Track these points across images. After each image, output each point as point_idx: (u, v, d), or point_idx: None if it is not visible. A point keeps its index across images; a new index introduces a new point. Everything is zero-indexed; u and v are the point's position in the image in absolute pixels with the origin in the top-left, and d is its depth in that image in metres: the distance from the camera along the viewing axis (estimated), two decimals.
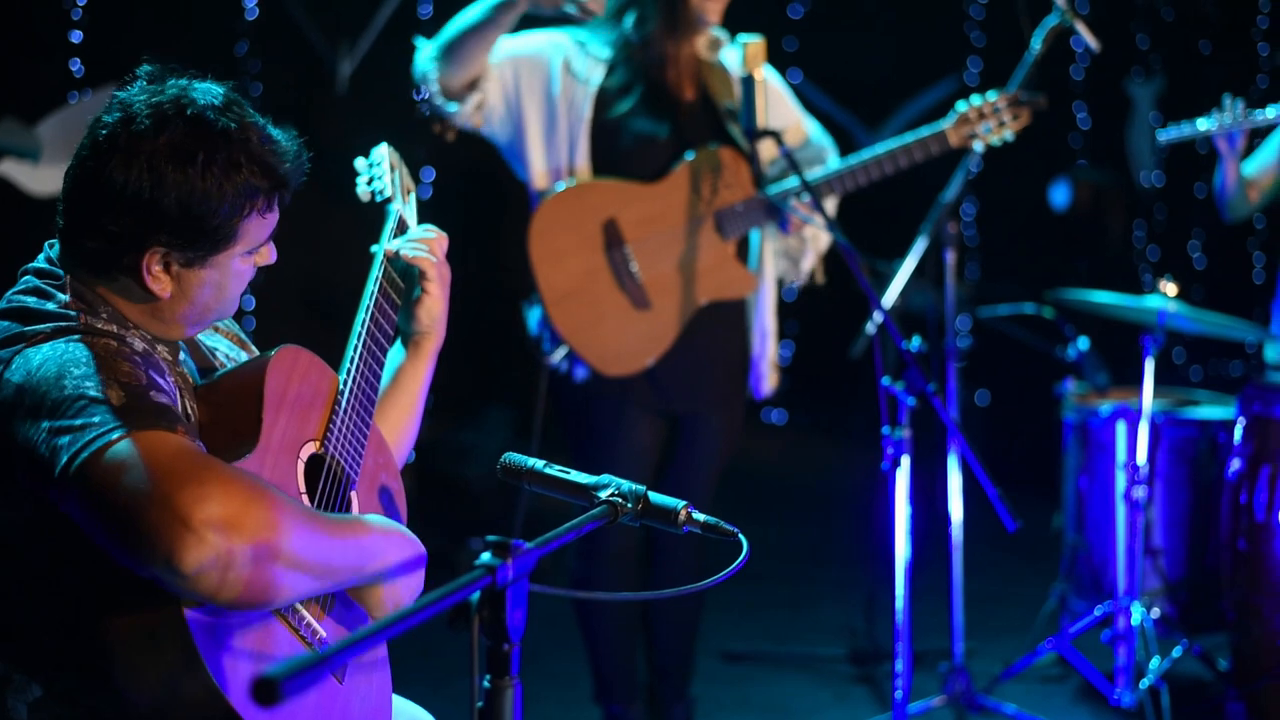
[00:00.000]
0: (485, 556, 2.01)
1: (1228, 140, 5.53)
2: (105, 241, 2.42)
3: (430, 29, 7.86)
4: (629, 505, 2.33)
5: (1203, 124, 5.47)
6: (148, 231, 2.41)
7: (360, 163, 3.08)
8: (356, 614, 2.55)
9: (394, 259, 2.90)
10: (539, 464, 2.44)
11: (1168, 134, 5.57)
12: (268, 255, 2.59)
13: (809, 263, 4.73)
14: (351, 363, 2.69)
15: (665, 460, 4.65)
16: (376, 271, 2.85)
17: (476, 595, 2.01)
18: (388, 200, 3.02)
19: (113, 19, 6.53)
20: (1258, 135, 5.78)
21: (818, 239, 4.70)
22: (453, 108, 4.41)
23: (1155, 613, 5.29)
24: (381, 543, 2.46)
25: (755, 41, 4.31)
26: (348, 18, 7.56)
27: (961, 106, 4.62)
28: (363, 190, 3.05)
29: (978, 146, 4.64)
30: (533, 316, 4.53)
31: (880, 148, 4.54)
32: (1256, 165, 5.84)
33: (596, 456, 4.46)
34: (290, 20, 7.41)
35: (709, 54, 4.59)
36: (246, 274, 2.57)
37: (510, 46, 4.45)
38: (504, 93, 4.45)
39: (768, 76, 4.54)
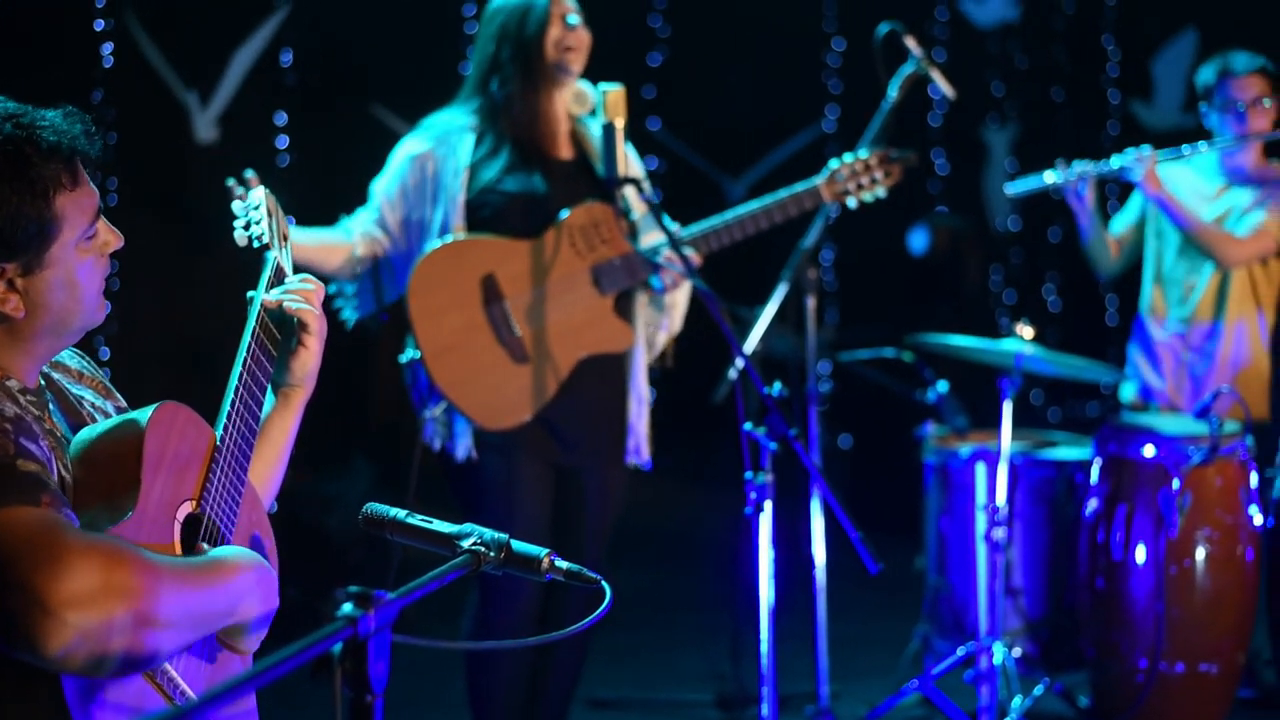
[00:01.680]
0: (347, 607, 2.00)
1: (1075, 195, 5.67)
2: None
3: (291, 75, 7.85)
4: (491, 554, 2.32)
5: (1049, 176, 5.60)
6: None
7: (237, 206, 2.98)
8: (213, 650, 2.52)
9: (273, 309, 2.81)
10: (401, 514, 2.43)
11: (1015, 187, 5.71)
12: (109, 238, 2.52)
13: (662, 340, 4.76)
14: (228, 417, 2.62)
15: (557, 518, 4.64)
16: (253, 321, 2.76)
17: (338, 646, 2.00)
18: (265, 247, 2.91)
19: None
20: (1118, 191, 5.93)
21: (673, 316, 4.73)
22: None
23: (1017, 652, 5.36)
24: (248, 579, 2.43)
25: (615, 90, 4.34)
26: (207, 66, 7.50)
27: (834, 164, 4.67)
28: (240, 235, 2.94)
29: (851, 203, 4.69)
30: (411, 371, 4.51)
31: (755, 204, 4.57)
32: (1120, 224, 6.00)
33: (492, 516, 4.44)
34: (148, 68, 7.34)
35: (582, 111, 4.62)
36: (96, 267, 2.50)
37: (377, 201, 4.56)
38: (372, 258, 4.59)
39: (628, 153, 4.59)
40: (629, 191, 4.48)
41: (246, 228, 2.94)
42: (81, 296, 2.47)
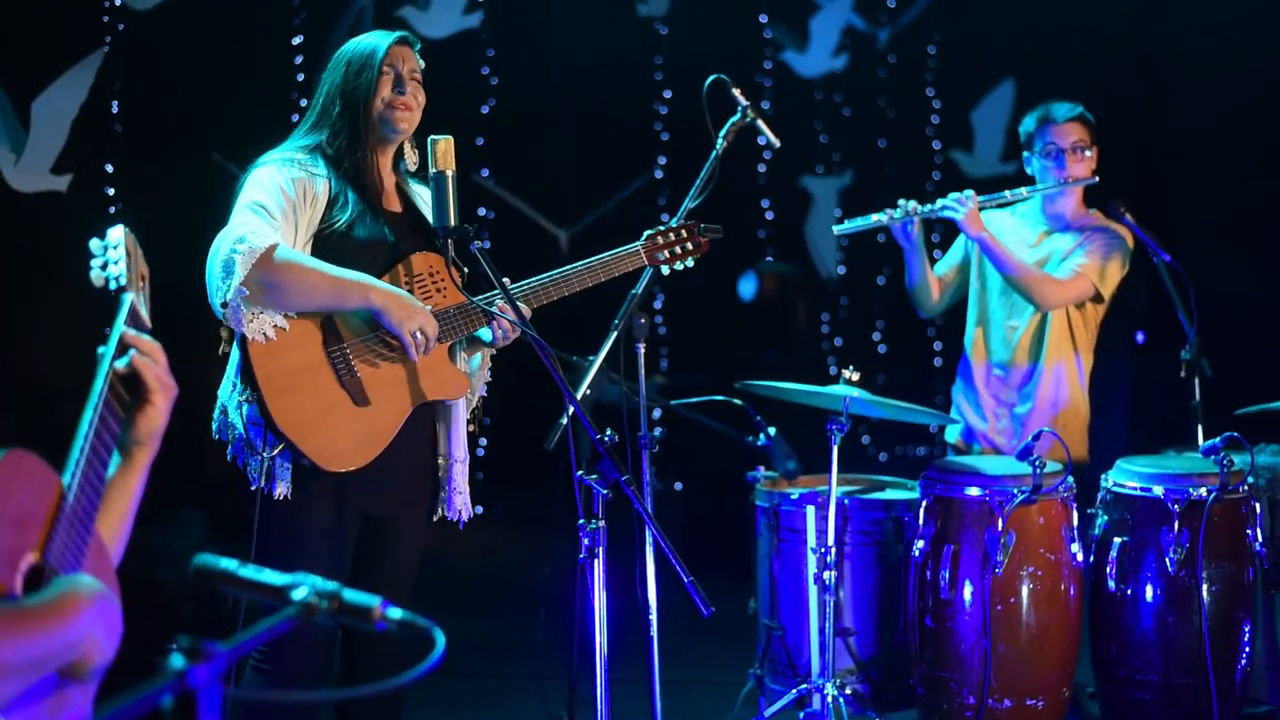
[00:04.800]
0: (176, 660, 1.99)
1: (904, 234, 5.82)
2: None
3: (117, 122, 7.76)
4: (323, 604, 2.32)
5: (875, 217, 5.74)
6: None
7: (95, 244, 2.92)
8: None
9: (122, 355, 2.78)
10: (233, 565, 2.42)
11: (843, 228, 5.83)
12: None
13: (474, 402, 4.78)
14: (77, 467, 2.59)
15: (360, 564, 4.61)
16: (104, 374, 2.73)
17: (168, 700, 1.99)
18: (122, 289, 2.87)
19: None
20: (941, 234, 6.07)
21: (484, 379, 4.76)
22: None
23: (849, 691, 5.42)
24: (90, 615, 2.41)
25: (444, 140, 4.35)
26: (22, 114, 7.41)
27: (650, 231, 4.74)
28: (96, 275, 2.88)
29: (664, 270, 4.77)
30: (246, 412, 4.43)
31: (581, 263, 4.62)
32: (944, 265, 6.14)
33: (289, 557, 4.39)
34: None
35: (412, 164, 4.65)
36: None
37: (275, 222, 4.40)
38: None
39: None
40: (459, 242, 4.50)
41: (104, 267, 2.90)
42: None
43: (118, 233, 2.94)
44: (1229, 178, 10.44)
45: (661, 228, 4.76)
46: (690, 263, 4.78)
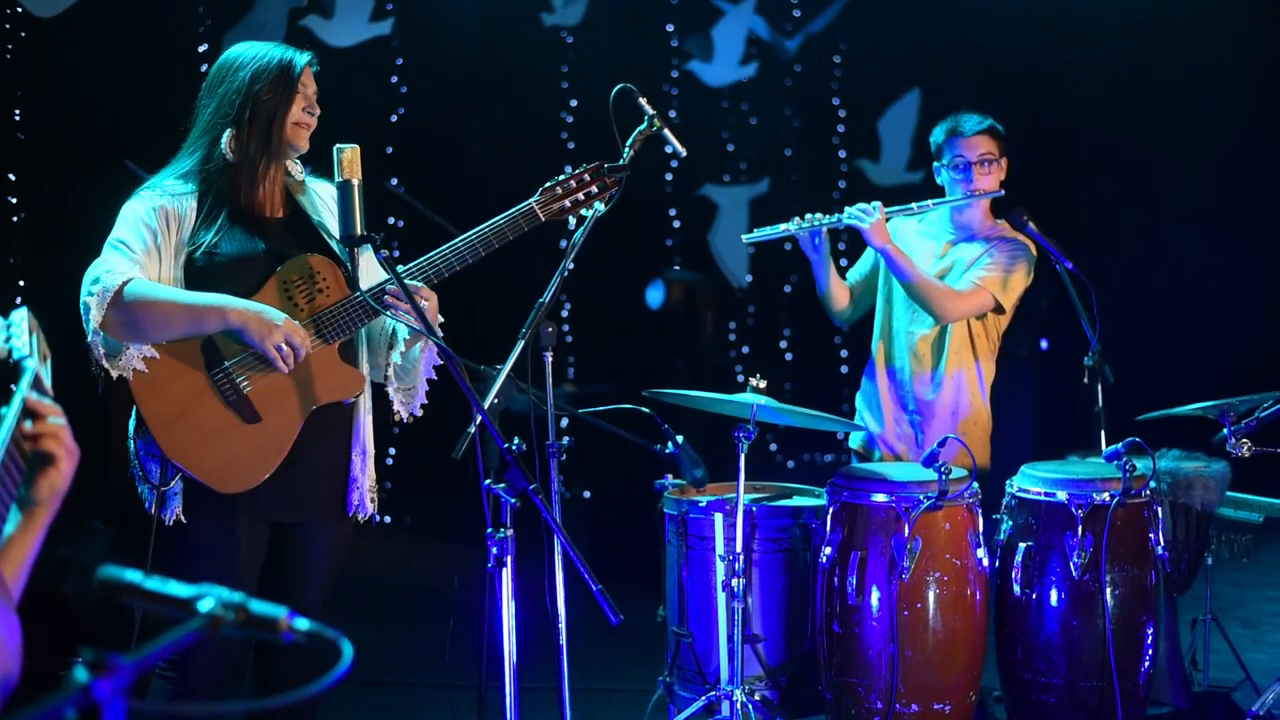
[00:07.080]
0: (79, 673, 1.97)
1: (811, 246, 5.86)
2: None
3: (20, 131, 7.67)
4: (230, 616, 2.31)
5: (783, 227, 5.78)
6: None
7: None
8: None
9: (26, 418, 2.79)
10: (138, 577, 2.40)
11: (752, 237, 5.87)
12: None
13: (419, 399, 4.77)
14: None
15: (273, 574, 4.59)
16: (8, 429, 2.74)
17: (72, 714, 1.97)
18: (25, 358, 2.91)
19: None
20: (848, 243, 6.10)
21: (421, 378, 4.75)
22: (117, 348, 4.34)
23: (758, 698, 5.44)
24: None
25: (350, 148, 4.35)
26: None
27: (548, 183, 4.73)
28: (0, 349, 2.96)
29: (571, 220, 4.74)
30: (137, 445, 4.44)
31: (473, 232, 4.62)
32: (854, 274, 6.19)
33: (197, 571, 4.37)
34: None
35: (295, 172, 4.64)
36: None
37: (136, 257, 4.41)
38: None
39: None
40: (366, 248, 4.49)
41: (7, 341, 2.96)
42: None
43: (21, 314, 3.02)
44: (1135, 186, 10.58)
45: (560, 178, 4.74)
46: (600, 207, 4.74)
